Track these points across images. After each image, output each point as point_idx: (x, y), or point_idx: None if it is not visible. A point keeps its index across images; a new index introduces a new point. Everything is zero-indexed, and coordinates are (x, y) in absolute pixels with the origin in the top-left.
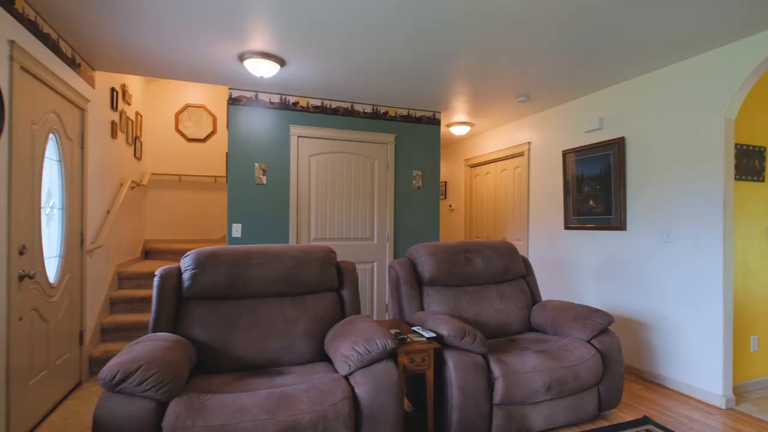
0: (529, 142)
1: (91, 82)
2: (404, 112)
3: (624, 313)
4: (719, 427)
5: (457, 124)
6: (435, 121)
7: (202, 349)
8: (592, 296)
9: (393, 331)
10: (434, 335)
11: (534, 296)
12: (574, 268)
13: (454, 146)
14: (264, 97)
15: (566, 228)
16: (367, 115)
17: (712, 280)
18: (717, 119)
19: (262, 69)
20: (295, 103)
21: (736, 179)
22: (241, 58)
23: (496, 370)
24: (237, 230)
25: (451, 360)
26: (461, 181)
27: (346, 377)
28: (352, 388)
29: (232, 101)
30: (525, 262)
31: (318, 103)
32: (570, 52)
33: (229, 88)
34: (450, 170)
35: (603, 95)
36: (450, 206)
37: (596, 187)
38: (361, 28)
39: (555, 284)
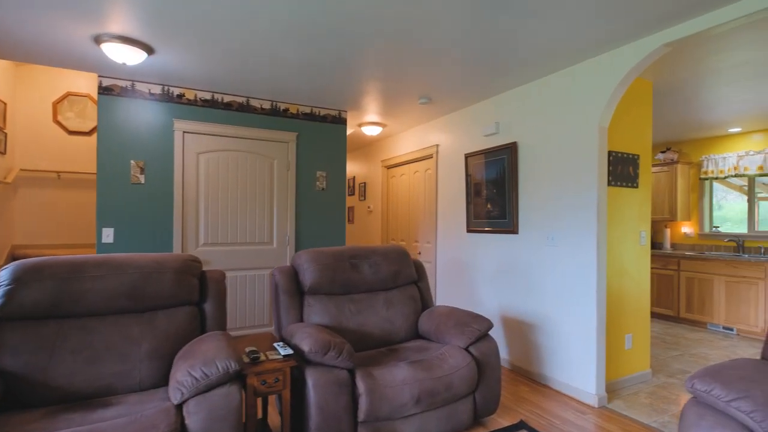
0: (437, 145)
1: None
2: (307, 110)
3: (516, 315)
4: (588, 428)
5: (368, 124)
6: (341, 121)
7: (12, 380)
8: (490, 298)
9: (248, 350)
10: (291, 352)
11: (425, 302)
12: (475, 271)
13: (372, 146)
14: (142, 87)
15: (468, 231)
16: (266, 111)
17: (588, 282)
18: (592, 127)
19: (125, 55)
20: (181, 96)
21: (612, 185)
22: (98, 40)
23: (361, 385)
24: (108, 235)
25: (311, 378)
26: (379, 182)
27: (179, 406)
28: (183, 419)
29: (103, 90)
30: (418, 266)
31: (208, 96)
32: (467, 56)
33: (99, 76)
34: (368, 171)
35: (499, 100)
36: (368, 207)
37: (493, 191)
38: (245, 20)
39: (459, 287)
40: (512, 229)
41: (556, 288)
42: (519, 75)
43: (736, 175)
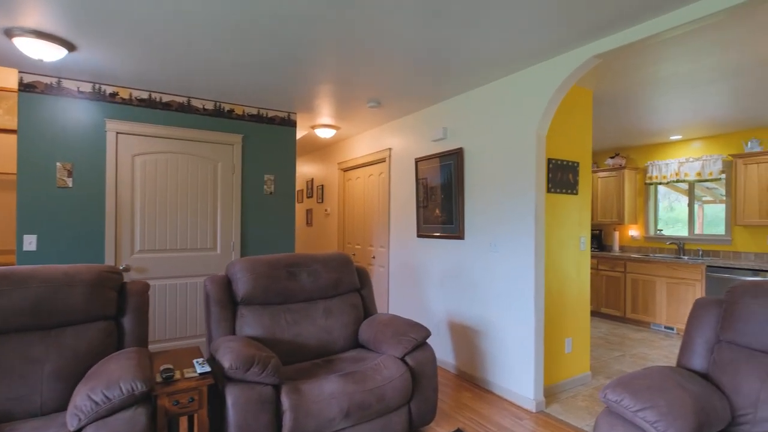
0: (390, 149)
1: None
2: (254, 111)
3: (462, 321)
4: None
5: (321, 126)
6: (290, 123)
7: None
8: (438, 304)
9: (163, 368)
10: (208, 369)
11: (367, 310)
12: (425, 276)
13: (329, 148)
14: (70, 84)
15: (419, 236)
16: (209, 112)
17: (527, 288)
18: (530, 135)
19: (41, 51)
20: (114, 95)
21: (551, 192)
22: (9, 34)
23: (286, 401)
24: (30, 243)
25: (230, 396)
26: (336, 185)
27: None
28: None
29: (24, 87)
30: (361, 273)
31: (144, 95)
32: (413, 61)
33: (19, 72)
34: (326, 173)
35: (447, 105)
36: (326, 210)
37: (442, 196)
38: (175, 18)
39: (410, 292)
40: (459, 234)
41: (499, 294)
42: (463, 81)
43: (677, 181)
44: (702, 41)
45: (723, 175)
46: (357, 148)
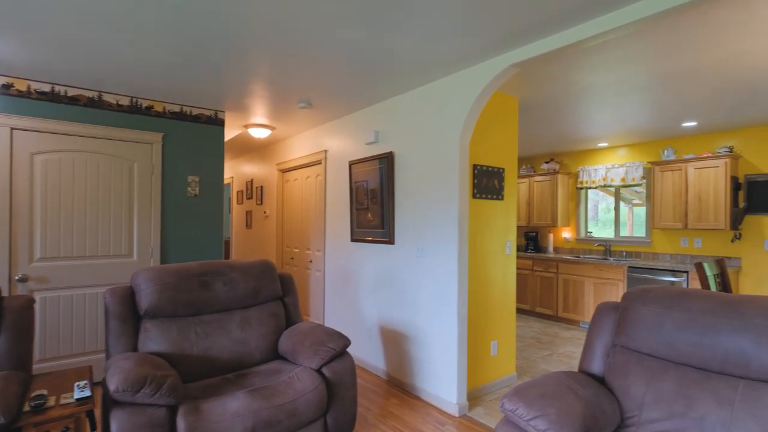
0: (326, 150)
1: None
2: (176, 108)
3: (393, 326)
4: None
5: (255, 126)
6: (217, 121)
7: None
8: (371, 309)
9: (35, 394)
10: (87, 394)
11: (291, 319)
12: (358, 281)
13: (268, 148)
14: None
15: (353, 240)
16: (124, 108)
17: (451, 293)
18: (454, 140)
19: None
20: (8, 86)
21: (478, 198)
22: None
23: (182, 424)
24: None
25: (115, 421)
26: (274, 186)
27: None
28: None
29: None
30: (285, 280)
31: (46, 88)
32: (342, 63)
33: None
34: (265, 174)
35: (378, 109)
36: (265, 213)
37: (374, 201)
38: (76, 3)
39: (345, 297)
40: (389, 239)
41: (427, 299)
42: (393, 85)
43: (604, 186)
44: (613, 54)
45: (644, 181)
46: (295, 149)
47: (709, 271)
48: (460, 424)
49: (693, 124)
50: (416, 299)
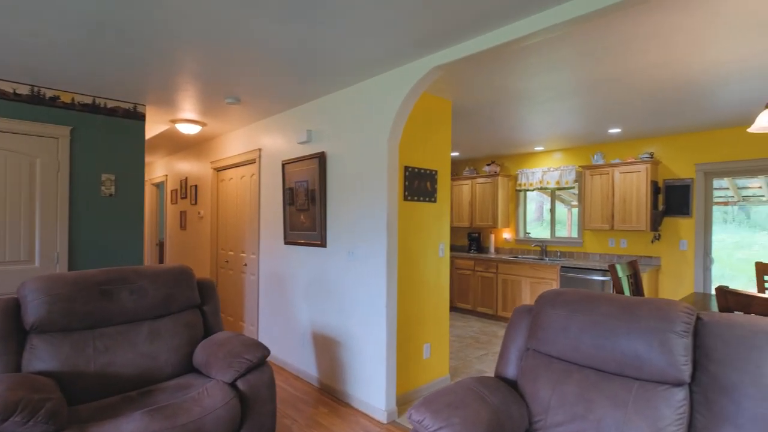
0: (260, 149)
1: None
2: (87, 100)
3: (325, 331)
4: None
5: (183, 121)
6: (137, 115)
7: None
8: (303, 314)
9: None
10: None
11: (210, 328)
12: (291, 286)
13: (202, 146)
14: None
15: (286, 243)
16: (22, 98)
17: (380, 297)
18: (383, 142)
19: None
20: None
21: (409, 200)
22: None
23: None
24: None
25: None
26: (209, 186)
27: None
28: None
29: None
30: (205, 287)
31: None
32: (270, 58)
33: None
34: (199, 172)
35: (311, 107)
36: (199, 213)
37: (306, 202)
38: None
39: (279, 302)
40: (321, 242)
41: (357, 303)
42: (324, 83)
43: (541, 188)
44: (538, 61)
45: (576, 184)
46: (230, 147)
47: (621, 273)
48: (389, 430)
49: (618, 130)
50: (348, 304)
